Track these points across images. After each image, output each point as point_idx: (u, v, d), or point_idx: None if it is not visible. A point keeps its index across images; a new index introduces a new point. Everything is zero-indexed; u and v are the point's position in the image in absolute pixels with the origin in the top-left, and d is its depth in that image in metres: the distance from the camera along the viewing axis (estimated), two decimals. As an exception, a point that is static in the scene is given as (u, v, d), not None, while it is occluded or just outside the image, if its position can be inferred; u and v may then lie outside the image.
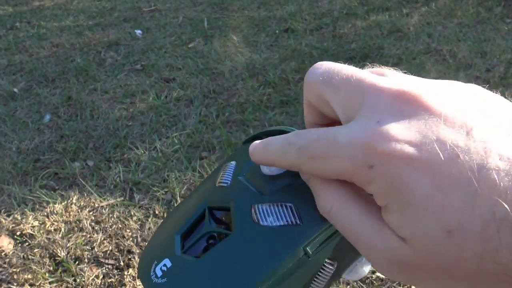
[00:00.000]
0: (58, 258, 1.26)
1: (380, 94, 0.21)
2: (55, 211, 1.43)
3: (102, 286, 1.19)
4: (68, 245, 1.30)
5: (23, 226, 1.37)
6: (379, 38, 2.50)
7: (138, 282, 1.18)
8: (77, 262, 1.25)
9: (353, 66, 0.26)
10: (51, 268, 1.23)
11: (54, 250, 1.28)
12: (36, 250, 1.29)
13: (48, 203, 1.46)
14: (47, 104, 2.07)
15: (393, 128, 0.20)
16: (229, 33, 2.78)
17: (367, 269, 0.29)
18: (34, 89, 2.22)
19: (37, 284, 1.19)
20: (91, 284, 1.19)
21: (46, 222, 1.39)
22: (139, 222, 1.37)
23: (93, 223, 1.38)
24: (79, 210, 1.44)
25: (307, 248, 0.25)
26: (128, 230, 1.34)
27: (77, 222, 1.39)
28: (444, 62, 2.17)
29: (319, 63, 0.26)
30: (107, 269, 1.23)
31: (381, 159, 0.19)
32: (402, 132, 0.19)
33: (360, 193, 0.22)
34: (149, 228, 1.34)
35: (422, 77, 0.24)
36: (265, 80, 2.14)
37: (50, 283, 1.19)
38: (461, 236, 0.18)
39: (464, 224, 0.18)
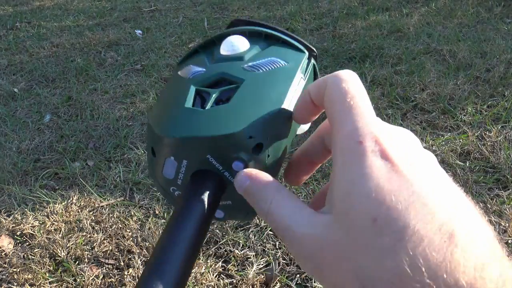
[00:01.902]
0: (58, 258, 1.26)
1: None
2: (55, 211, 1.43)
3: (102, 286, 1.19)
4: (68, 245, 1.30)
5: (23, 226, 1.37)
6: (379, 38, 2.50)
7: (138, 282, 1.18)
8: (77, 262, 1.25)
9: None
10: (51, 268, 1.23)
11: (54, 250, 1.28)
12: (36, 250, 1.29)
13: (48, 203, 1.46)
14: (47, 104, 2.07)
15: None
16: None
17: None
18: (34, 89, 2.22)
19: (37, 284, 1.19)
20: (91, 284, 1.19)
21: (46, 222, 1.39)
22: (139, 222, 1.37)
23: (93, 223, 1.38)
24: (79, 210, 1.44)
25: (302, 73, 0.34)
26: (128, 230, 1.34)
27: (77, 222, 1.39)
28: (444, 62, 2.17)
29: (349, 74, 0.26)
30: (107, 269, 1.23)
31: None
32: None
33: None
34: (149, 228, 1.34)
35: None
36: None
37: (50, 283, 1.19)
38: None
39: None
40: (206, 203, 0.28)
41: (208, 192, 0.28)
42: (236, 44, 0.34)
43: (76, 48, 2.69)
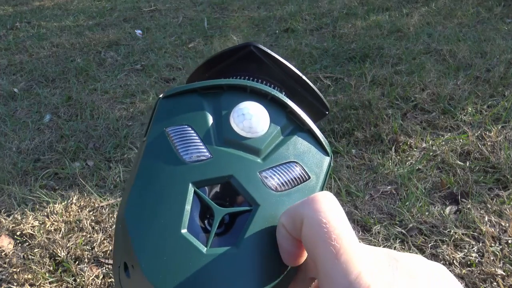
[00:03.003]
0: (58, 258, 1.26)
1: None
2: (55, 211, 1.43)
3: (102, 286, 1.19)
4: (68, 245, 1.30)
5: (23, 226, 1.37)
6: (379, 38, 2.50)
7: (138, 282, 1.18)
8: (77, 262, 1.25)
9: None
10: (51, 268, 1.23)
11: (54, 250, 1.28)
12: (36, 250, 1.29)
13: (48, 203, 1.46)
14: (47, 104, 2.07)
15: None
16: (229, 33, 2.78)
17: None
18: (34, 89, 2.22)
19: (37, 284, 1.19)
20: (91, 284, 1.19)
21: (46, 222, 1.39)
22: (139, 222, 1.37)
23: (93, 223, 1.38)
24: (79, 210, 1.44)
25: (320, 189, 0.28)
26: (128, 230, 1.34)
27: (77, 222, 1.39)
28: (444, 62, 2.17)
29: (327, 202, 0.23)
30: (107, 269, 1.23)
31: None
32: None
33: None
34: (149, 228, 1.34)
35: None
36: (265, 80, 2.14)
37: (50, 283, 1.19)
38: None
39: None
40: None
41: None
42: (254, 123, 0.28)
43: (76, 48, 2.69)
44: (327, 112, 0.34)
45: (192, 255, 0.23)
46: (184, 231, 0.24)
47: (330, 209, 0.22)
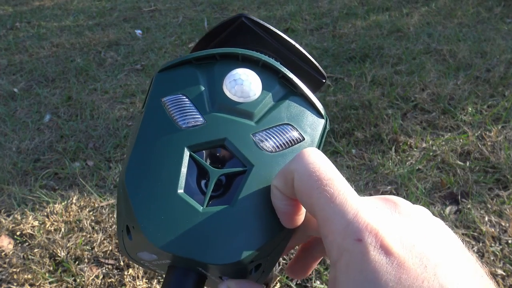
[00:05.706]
0: (58, 258, 1.26)
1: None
2: (55, 211, 1.43)
3: (102, 286, 1.19)
4: (68, 245, 1.30)
5: (23, 226, 1.37)
6: (379, 38, 2.50)
7: (138, 282, 1.18)
8: (77, 262, 1.25)
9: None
10: (51, 268, 1.23)
11: (54, 250, 1.28)
12: (36, 250, 1.29)
13: (48, 203, 1.46)
14: (47, 104, 2.07)
15: None
16: (229, 33, 2.78)
17: None
18: (34, 89, 2.22)
19: (37, 284, 1.19)
20: (91, 284, 1.19)
21: (46, 222, 1.39)
22: (139, 222, 1.37)
23: (93, 223, 1.38)
24: (79, 210, 1.44)
25: None
26: (128, 230, 1.34)
27: (77, 222, 1.39)
28: (444, 62, 2.17)
29: (313, 154, 0.23)
30: (107, 269, 1.23)
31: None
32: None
33: None
34: (149, 228, 1.33)
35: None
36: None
37: (50, 283, 1.19)
38: None
39: None
40: None
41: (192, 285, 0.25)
42: (246, 87, 0.28)
43: (76, 48, 2.69)
44: (324, 81, 0.34)
45: (188, 213, 0.24)
46: (180, 191, 0.25)
47: (317, 159, 0.23)
